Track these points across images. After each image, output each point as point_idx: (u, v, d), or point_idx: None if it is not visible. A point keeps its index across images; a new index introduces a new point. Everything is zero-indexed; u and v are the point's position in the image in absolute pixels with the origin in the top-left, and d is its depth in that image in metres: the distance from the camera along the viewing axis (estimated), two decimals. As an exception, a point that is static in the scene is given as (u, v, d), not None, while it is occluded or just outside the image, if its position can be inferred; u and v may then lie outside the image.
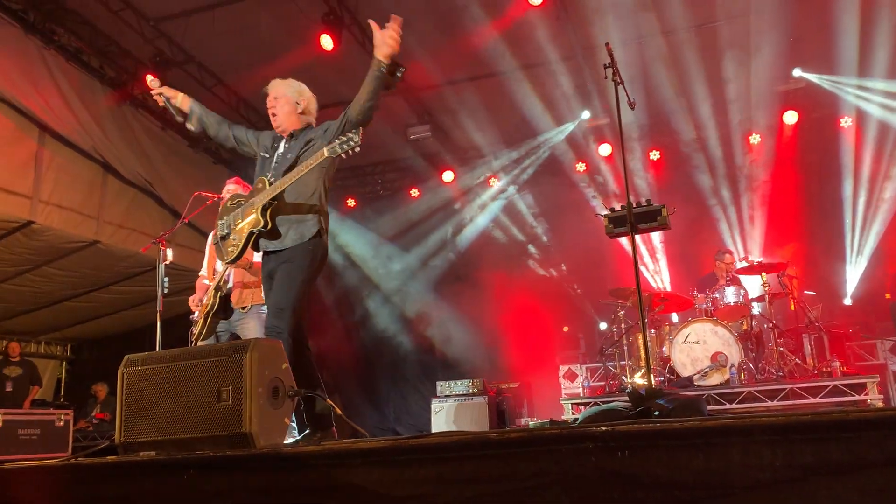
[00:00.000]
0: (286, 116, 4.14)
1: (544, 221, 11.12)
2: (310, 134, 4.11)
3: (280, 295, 3.76)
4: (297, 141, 4.10)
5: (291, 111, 4.16)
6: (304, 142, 4.06)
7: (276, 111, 4.14)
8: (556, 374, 9.75)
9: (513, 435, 2.33)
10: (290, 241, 3.84)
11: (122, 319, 10.66)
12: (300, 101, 4.20)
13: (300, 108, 4.19)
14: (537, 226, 11.17)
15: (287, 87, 4.22)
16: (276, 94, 4.19)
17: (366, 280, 11.66)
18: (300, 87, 4.27)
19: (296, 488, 2.53)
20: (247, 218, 3.89)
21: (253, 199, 3.94)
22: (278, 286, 3.79)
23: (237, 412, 2.87)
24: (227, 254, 3.98)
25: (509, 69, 8.85)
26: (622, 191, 4.60)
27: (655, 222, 4.36)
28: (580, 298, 10.73)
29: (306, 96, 4.25)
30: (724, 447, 1.95)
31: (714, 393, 6.65)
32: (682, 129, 10.00)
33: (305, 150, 4.00)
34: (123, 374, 3.20)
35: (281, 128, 4.15)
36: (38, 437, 7.68)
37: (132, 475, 2.90)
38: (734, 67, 8.88)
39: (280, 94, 4.19)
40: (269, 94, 4.21)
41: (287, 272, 3.78)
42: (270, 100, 4.19)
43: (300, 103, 4.20)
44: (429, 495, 2.30)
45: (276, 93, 4.20)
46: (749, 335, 7.53)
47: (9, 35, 7.13)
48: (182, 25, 7.88)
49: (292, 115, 4.16)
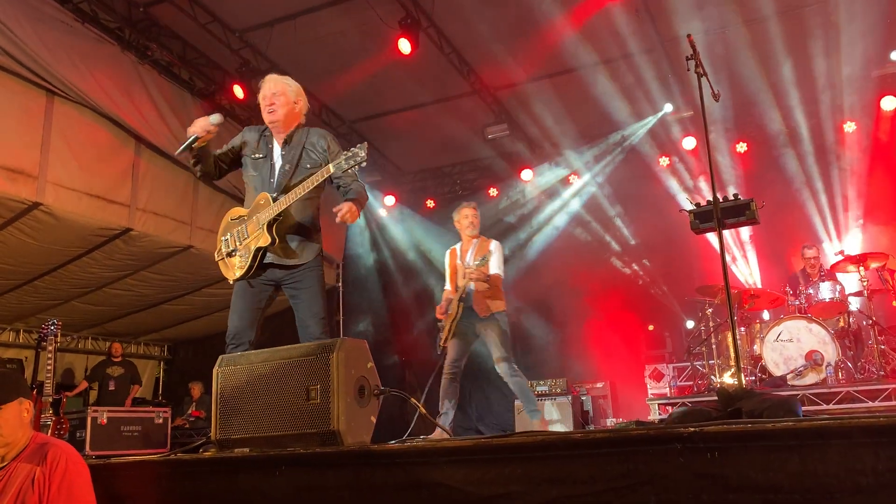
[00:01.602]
0: (285, 115, 4.03)
1: (627, 218, 10.91)
2: (303, 137, 4.07)
3: (318, 305, 3.96)
4: (292, 146, 4.04)
5: (290, 110, 4.06)
6: (300, 147, 4.03)
7: (276, 107, 4.01)
8: (642, 374, 9.56)
9: (598, 435, 2.31)
10: (307, 256, 3.95)
11: (215, 320, 11.07)
12: (298, 100, 4.11)
13: (297, 107, 4.10)
14: (620, 222, 10.96)
15: (287, 85, 4.09)
16: (275, 90, 4.05)
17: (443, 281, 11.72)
18: (298, 86, 4.15)
19: (382, 485, 2.58)
20: (252, 234, 3.90)
21: (257, 215, 3.90)
22: (313, 297, 3.96)
23: (325, 410, 2.94)
24: (235, 272, 3.96)
25: (587, 64, 8.73)
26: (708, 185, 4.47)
27: (744, 217, 4.23)
28: (666, 296, 10.47)
29: (303, 96, 4.16)
30: (821, 449, 1.88)
31: (809, 393, 6.39)
32: (770, 119, 9.62)
33: (304, 157, 4.00)
34: (218, 374, 3.33)
35: (276, 124, 4.04)
36: (139, 434, 8.09)
37: (227, 471, 3.02)
38: (824, 54, 8.48)
39: (280, 90, 4.05)
40: (268, 89, 4.06)
41: (314, 284, 3.97)
42: (268, 95, 4.03)
43: (297, 103, 4.10)
44: (514, 494, 2.31)
45: (277, 88, 4.05)
46: (847, 333, 7.19)
47: (107, 53, 7.53)
48: (266, 35, 8.13)
49: (290, 114, 4.06)
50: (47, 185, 6.93)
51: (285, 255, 3.92)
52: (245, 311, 3.99)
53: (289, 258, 3.93)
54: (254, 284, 3.98)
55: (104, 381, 10.05)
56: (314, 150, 4.05)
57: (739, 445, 2.00)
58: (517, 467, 2.32)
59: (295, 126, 4.10)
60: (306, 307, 3.96)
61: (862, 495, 1.82)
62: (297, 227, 3.95)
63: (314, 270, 3.99)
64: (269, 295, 4.05)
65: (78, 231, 7.61)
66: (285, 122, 4.05)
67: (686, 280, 9.53)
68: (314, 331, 3.91)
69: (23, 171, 6.73)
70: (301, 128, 4.13)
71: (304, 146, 4.04)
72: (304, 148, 4.03)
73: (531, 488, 2.28)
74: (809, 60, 8.61)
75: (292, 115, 4.07)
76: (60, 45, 6.92)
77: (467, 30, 8.27)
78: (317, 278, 4.00)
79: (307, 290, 3.96)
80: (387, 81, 8.98)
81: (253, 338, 3.95)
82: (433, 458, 2.53)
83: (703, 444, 2.03)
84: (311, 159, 4.02)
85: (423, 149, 11.13)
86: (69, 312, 9.73)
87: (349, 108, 10.04)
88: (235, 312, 3.99)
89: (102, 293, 9.41)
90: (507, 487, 2.33)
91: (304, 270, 3.95)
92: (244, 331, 3.95)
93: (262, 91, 4.09)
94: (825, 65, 8.69)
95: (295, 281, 3.96)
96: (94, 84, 7.20)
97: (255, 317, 3.99)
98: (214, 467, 3.08)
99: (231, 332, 3.95)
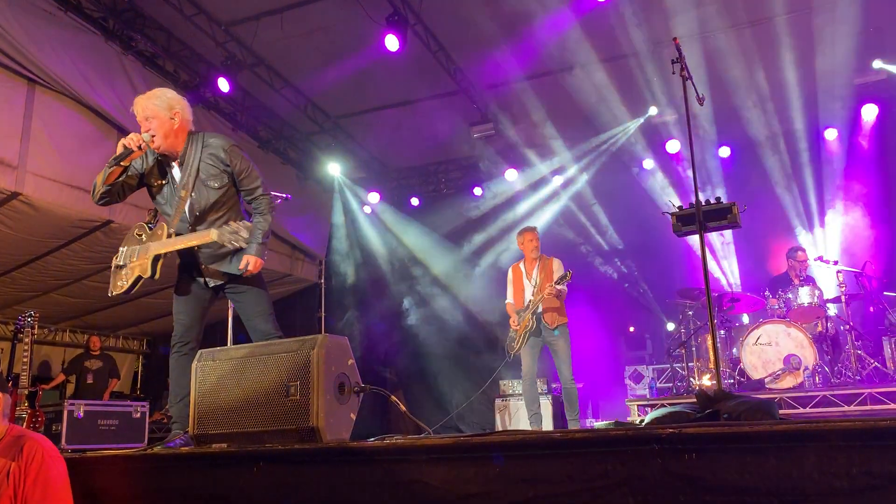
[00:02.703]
0: (165, 138, 3.77)
1: (610, 219, 10.95)
2: (198, 152, 3.85)
3: (264, 303, 4.00)
4: (187, 166, 3.84)
5: (169, 129, 3.78)
6: (195, 165, 3.83)
7: (154, 134, 3.75)
8: (622, 376, 9.61)
9: (577, 435, 2.32)
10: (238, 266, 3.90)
11: (194, 315, 11.00)
12: (174, 114, 3.80)
13: (176, 122, 3.80)
14: (602, 224, 11.01)
15: (156, 104, 3.79)
16: (146, 115, 3.78)
17: (428, 279, 11.73)
18: (168, 98, 3.84)
19: (361, 482, 2.58)
20: (139, 261, 3.85)
21: (151, 244, 3.85)
22: (257, 296, 4.00)
23: (305, 407, 2.94)
24: (116, 287, 3.93)
25: (573, 66, 8.77)
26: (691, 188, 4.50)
27: (725, 220, 4.25)
28: (647, 298, 10.54)
29: (178, 106, 3.84)
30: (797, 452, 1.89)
31: (787, 396, 6.45)
32: (753, 124, 9.70)
33: (201, 172, 3.84)
34: (196, 369, 3.30)
35: (161, 149, 3.81)
36: (116, 428, 8.00)
37: (205, 466, 3.00)
38: (807, 62, 8.57)
39: (151, 113, 3.77)
40: (139, 116, 3.79)
41: (255, 285, 4.01)
42: (142, 121, 3.78)
43: (175, 117, 3.80)
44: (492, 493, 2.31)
45: (147, 112, 3.78)
46: (825, 337, 7.27)
47: (89, 42, 7.44)
48: (252, 29, 8.08)
49: (170, 133, 3.79)
50: (27, 174, 6.84)
51: (221, 268, 3.94)
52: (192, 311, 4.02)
53: (225, 269, 3.94)
54: (193, 289, 4.00)
55: (82, 374, 9.96)
56: (213, 162, 3.85)
57: (717, 447, 2.02)
58: (496, 466, 2.33)
59: (184, 141, 3.86)
60: (252, 306, 3.97)
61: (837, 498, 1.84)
62: (217, 246, 3.83)
63: (255, 278, 3.99)
64: (210, 298, 4.07)
65: (58, 222, 7.52)
66: (170, 144, 3.81)
67: (668, 282, 9.59)
68: (263, 327, 3.91)
69: (2, 160, 6.64)
70: (193, 137, 3.89)
71: (200, 161, 3.84)
72: (199, 163, 3.84)
73: (510, 487, 2.28)
74: (793, 68, 8.69)
75: (173, 133, 3.80)
76: (42, 33, 6.83)
77: (455, 28, 8.27)
78: (255, 279, 4.00)
79: (248, 291, 3.97)
80: (373, 77, 8.96)
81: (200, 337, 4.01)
82: (412, 455, 2.52)
83: (682, 445, 2.04)
84: (211, 174, 3.85)
85: (408, 146, 11.11)
86: (47, 304, 9.62)
87: (334, 103, 10.01)
88: (181, 313, 4.00)
89: (81, 285, 9.32)
90: (485, 486, 2.33)
91: (242, 279, 3.95)
92: (191, 329, 3.98)
93: (137, 117, 3.86)
94: (808, 72, 8.78)
95: (236, 288, 3.99)
96: (76, 73, 7.11)
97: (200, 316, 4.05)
98: (192, 463, 3.06)
99: (178, 332, 3.98)
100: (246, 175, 3.91)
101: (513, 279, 7.04)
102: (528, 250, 6.97)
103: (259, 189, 3.97)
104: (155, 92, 3.87)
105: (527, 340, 6.73)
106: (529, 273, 6.92)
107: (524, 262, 7.03)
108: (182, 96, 3.94)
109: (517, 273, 7.03)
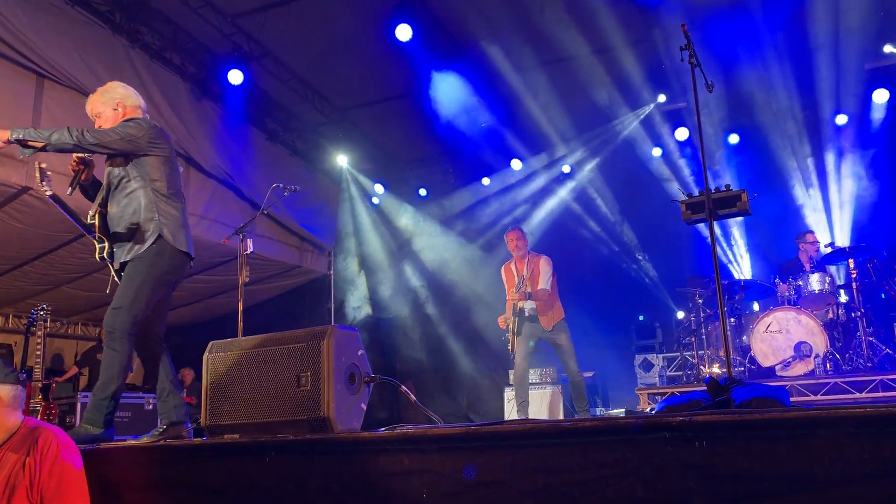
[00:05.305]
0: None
1: (618, 208, 10.93)
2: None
3: (121, 293, 3.81)
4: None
5: (115, 122, 3.90)
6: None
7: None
8: (632, 364, 9.61)
9: (586, 424, 2.32)
10: (133, 254, 3.85)
11: (205, 307, 11.05)
12: (116, 105, 3.94)
13: (120, 112, 3.93)
14: (611, 213, 10.99)
15: (101, 100, 3.95)
16: (94, 113, 3.95)
17: (437, 269, 11.74)
18: (109, 93, 3.97)
19: (371, 472, 2.59)
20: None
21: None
22: (122, 285, 3.86)
23: (316, 397, 2.95)
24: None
25: (581, 54, 8.71)
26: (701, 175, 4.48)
27: (735, 208, 4.22)
28: (657, 286, 10.52)
29: (119, 97, 3.96)
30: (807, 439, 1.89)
31: (798, 384, 6.43)
32: (763, 110, 9.63)
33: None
34: (208, 360, 3.33)
35: None
36: (128, 420, 8.05)
37: (217, 456, 3.02)
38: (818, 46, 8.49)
39: (97, 111, 3.94)
40: (89, 114, 3.97)
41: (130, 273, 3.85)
42: (93, 118, 3.96)
43: (118, 108, 3.93)
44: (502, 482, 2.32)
45: (94, 111, 3.95)
46: (836, 324, 7.24)
47: (98, 36, 7.45)
48: (259, 20, 8.07)
49: (117, 125, 3.87)
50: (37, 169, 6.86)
51: (120, 256, 3.92)
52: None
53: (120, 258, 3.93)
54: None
55: (95, 366, 10.01)
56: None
57: (728, 435, 2.02)
58: (506, 456, 2.33)
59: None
60: (116, 295, 3.87)
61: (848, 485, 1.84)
62: (124, 226, 3.89)
63: (134, 262, 3.85)
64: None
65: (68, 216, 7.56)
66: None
67: (677, 270, 9.57)
68: (105, 317, 3.81)
69: (12, 155, 6.67)
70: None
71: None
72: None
73: (520, 476, 2.29)
74: (803, 52, 8.62)
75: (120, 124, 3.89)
76: (50, 27, 6.84)
77: (460, 15, 8.23)
78: (133, 269, 3.85)
79: (122, 279, 3.89)
80: (380, 68, 8.94)
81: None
82: (423, 445, 2.53)
83: (692, 433, 2.04)
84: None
85: (415, 137, 11.09)
86: (59, 298, 9.68)
87: (342, 94, 9.99)
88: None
89: (93, 279, 9.36)
90: (495, 475, 2.34)
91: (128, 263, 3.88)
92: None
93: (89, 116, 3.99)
94: (818, 57, 8.70)
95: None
96: (84, 67, 7.12)
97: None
98: (204, 453, 3.09)
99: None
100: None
101: (506, 278, 7.11)
102: (512, 249, 7.03)
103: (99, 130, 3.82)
104: (103, 88, 4.01)
105: (517, 338, 6.76)
106: (520, 271, 6.95)
107: (514, 261, 7.07)
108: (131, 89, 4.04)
109: (508, 272, 7.10)
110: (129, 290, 3.76)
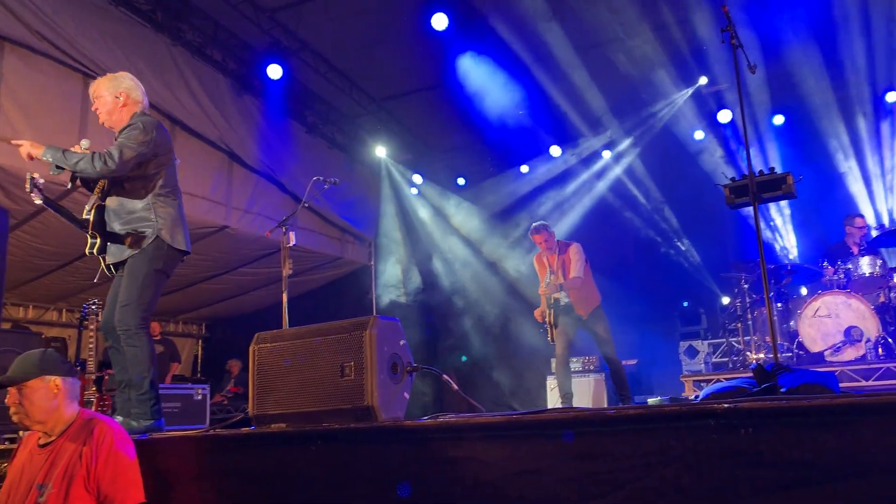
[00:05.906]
0: (108, 115, 4.08)
1: (660, 193, 10.77)
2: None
3: (126, 293, 3.93)
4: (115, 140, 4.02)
5: (112, 108, 4.07)
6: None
7: (100, 112, 4.09)
8: (677, 351, 9.49)
9: (630, 411, 2.31)
10: (130, 252, 3.96)
11: (251, 299, 11.23)
12: (119, 94, 4.07)
13: (120, 101, 4.07)
14: (654, 197, 10.84)
15: (107, 85, 4.08)
16: (95, 95, 4.09)
17: (477, 259, 11.74)
18: (117, 80, 4.11)
19: (415, 460, 2.62)
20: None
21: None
22: (127, 285, 3.96)
23: (359, 386, 2.99)
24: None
25: (619, 37, 8.59)
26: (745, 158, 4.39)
27: (780, 191, 4.13)
28: (701, 272, 10.36)
29: (124, 87, 4.09)
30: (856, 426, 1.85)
31: (848, 369, 6.29)
32: (809, 90, 9.38)
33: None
34: (254, 351, 3.39)
35: (106, 125, 4.11)
36: (178, 410, 8.23)
37: (264, 445, 3.09)
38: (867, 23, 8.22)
39: (97, 93, 4.09)
40: (91, 94, 4.12)
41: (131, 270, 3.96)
42: (93, 100, 4.11)
43: (119, 97, 4.07)
44: (545, 470, 2.32)
45: (95, 92, 4.09)
46: (888, 308, 7.04)
47: (140, 35, 7.59)
48: (296, 14, 8.13)
49: (113, 112, 4.07)
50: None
51: (117, 253, 4.02)
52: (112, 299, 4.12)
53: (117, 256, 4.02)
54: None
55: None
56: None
57: (774, 422, 1.99)
58: (549, 444, 2.34)
59: (128, 121, 4.05)
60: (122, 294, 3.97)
61: (899, 472, 1.80)
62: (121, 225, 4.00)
63: (134, 258, 3.97)
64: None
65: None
66: (111, 122, 4.09)
67: (722, 255, 9.41)
68: (115, 316, 3.91)
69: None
70: (136, 118, 4.07)
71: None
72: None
73: (564, 464, 2.29)
74: (852, 30, 8.36)
75: (117, 112, 4.07)
76: (94, 27, 6.99)
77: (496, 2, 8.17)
78: (134, 266, 3.97)
79: (124, 277, 3.99)
80: (416, 58, 8.94)
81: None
82: (466, 434, 2.55)
83: (738, 420, 2.02)
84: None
85: (452, 126, 11.07)
86: (109, 292, 9.93)
87: (379, 86, 10.02)
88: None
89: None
90: (538, 463, 2.34)
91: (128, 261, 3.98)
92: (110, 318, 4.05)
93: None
94: (868, 34, 8.43)
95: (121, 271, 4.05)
96: (128, 67, 7.23)
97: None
98: (252, 442, 3.15)
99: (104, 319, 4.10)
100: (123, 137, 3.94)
101: (538, 269, 7.10)
102: (541, 247, 7.03)
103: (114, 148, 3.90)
104: (113, 74, 4.15)
105: (555, 328, 6.74)
106: (552, 263, 6.94)
107: (545, 254, 7.04)
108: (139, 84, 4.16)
109: (541, 263, 7.07)
110: (134, 286, 3.92)
